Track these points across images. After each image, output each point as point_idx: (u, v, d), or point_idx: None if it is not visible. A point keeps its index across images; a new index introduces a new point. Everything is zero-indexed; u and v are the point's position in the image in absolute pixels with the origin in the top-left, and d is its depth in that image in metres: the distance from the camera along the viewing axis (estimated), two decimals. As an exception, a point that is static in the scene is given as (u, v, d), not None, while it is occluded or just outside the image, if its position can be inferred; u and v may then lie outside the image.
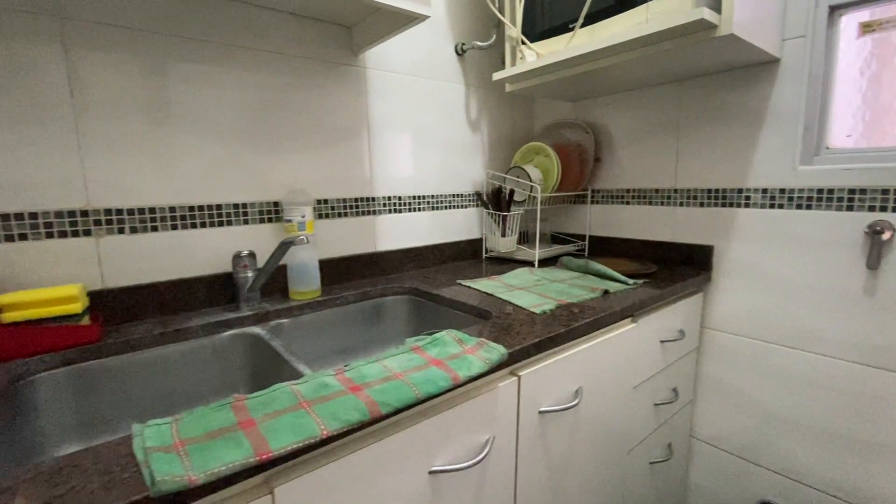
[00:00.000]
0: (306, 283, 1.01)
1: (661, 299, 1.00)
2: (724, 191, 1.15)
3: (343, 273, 1.15)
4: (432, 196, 1.34)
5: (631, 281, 1.05)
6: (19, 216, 0.75)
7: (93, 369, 0.74)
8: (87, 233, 0.81)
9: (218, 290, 0.95)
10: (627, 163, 1.35)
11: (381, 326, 1.11)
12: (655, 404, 1.08)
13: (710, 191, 1.18)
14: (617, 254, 1.40)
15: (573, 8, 1.05)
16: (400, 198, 1.26)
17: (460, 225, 1.42)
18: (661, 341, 1.05)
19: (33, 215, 0.76)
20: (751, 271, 1.12)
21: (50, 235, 0.78)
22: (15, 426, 0.64)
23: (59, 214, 0.78)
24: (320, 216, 1.11)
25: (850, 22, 0.97)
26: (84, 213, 0.81)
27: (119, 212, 0.84)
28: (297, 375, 0.69)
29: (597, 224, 1.46)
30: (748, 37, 0.88)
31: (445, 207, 1.38)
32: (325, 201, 1.11)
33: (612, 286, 1.01)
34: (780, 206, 1.05)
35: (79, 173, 0.80)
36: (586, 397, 0.85)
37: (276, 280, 1.04)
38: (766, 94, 1.05)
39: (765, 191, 1.08)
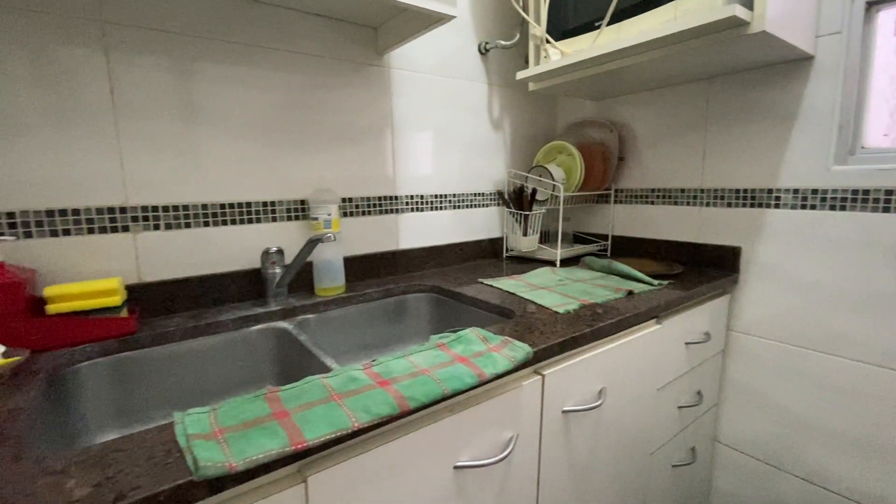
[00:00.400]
0: (331, 280, 1.03)
1: (686, 301, 0.99)
2: (753, 191, 1.12)
3: (366, 270, 1.17)
4: (454, 195, 1.35)
5: (656, 282, 1.04)
6: (63, 212, 0.79)
7: (130, 360, 0.77)
8: (126, 229, 0.85)
9: (247, 285, 0.98)
10: (652, 162, 1.33)
11: (404, 323, 1.12)
12: (679, 407, 1.07)
13: (738, 191, 1.15)
14: (640, 254, 1.38)
15: (599, 6, 1.04)
16: (422, 196, 1.27)
17: (481, 224, 1.43)
18: (686, 343, 1.04)
19: (76, 211, 0.80)
20: (780, 273, 1.10)
21: (91, 231, 0.82)
22: (60, 411, 0.67)
23: (99, 211, 0.82)
24: (345, 214, 1.13)
25: (887, 18, 0.94)
26: (122, 210, 0.84)
27: (154, 209, 0.87)
28: (324, 369, 0.71)
29: (620, 224, 1.44)
30: (781, 33, 0.86)
31: (467, 206, 1.38)
32: (350, 200, 1.13)
33: (637, 287, 1.00)
34: (813, 207, 1.02)
35: (118, 171, 0.83)
36: (609, 398, 0.84)
37: (302, 276, 1.06)
38: (799, 92, 1.03)
39: (796, 191, 1.05)
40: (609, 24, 1.01)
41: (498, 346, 0.67)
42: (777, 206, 1.08)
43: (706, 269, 1.21)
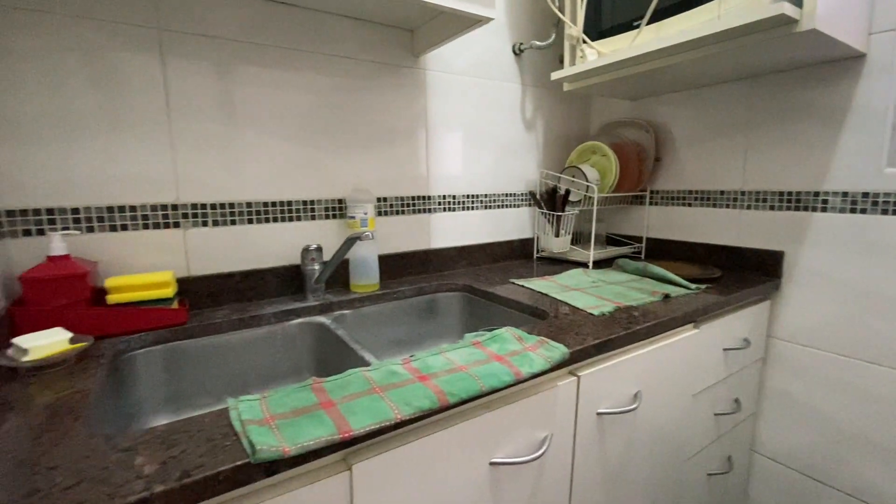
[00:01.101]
0: (366, 277, 1.06)
1: (725, 306, 0.96)
2: (798, 193, 1.08)
3: (399, 268, 1.19)
4: (485, 195, 1.36)
5: (693, 286, 1.02)
6: (122, 208, 0.84)
7: (180, 349, 0.82)
8: (177, 225, 0.89)
9: (287, 280, 1.01)
10: (690, 163, 1.31)
11: (435, 321, 1.14)
12: (716, 414, 1.05)
13: (781, 193, 1.12)
14: (676, 257, 1.35)
15: (638, 6, 1.03)
16: (454, 196, 1.29)
17: (512, 224, 1.43)
18: (725, 349, 1.01)
19: (133, 208, 0.85)
20: (825, 279, 1.05)
21: (146, 227, 0.87)
22: (119, 395, 0.71)
23: (153, 208, 0.87)
24: (380, 213, 1.15)
25: (951, 12, 0.89)
26: (174, 207, 0.89)
27: (203, 206, 0.92)
28: (362, 363, 0.73)
29: (655, 226, 1.42)
30: (832, 31, 0.83)
31: (498, 206, 1.39)
32: (385, 199, 1.16)
33: (673, 290, 0.99)
34: (863, 211, 0.98)
35: (171, 171, 0.88)
36: (645, 402, 0.83)
37: (338, 273, 1.09)
38: (850, 92, 0.99)
39: (845, 194, 1.01)
40: (649, 22, 1.00)
41: (534, 346, 0.68)
42: (824, 209, 1.04)
43: (745, 273, 1.18)
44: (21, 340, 0.62)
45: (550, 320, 0.82)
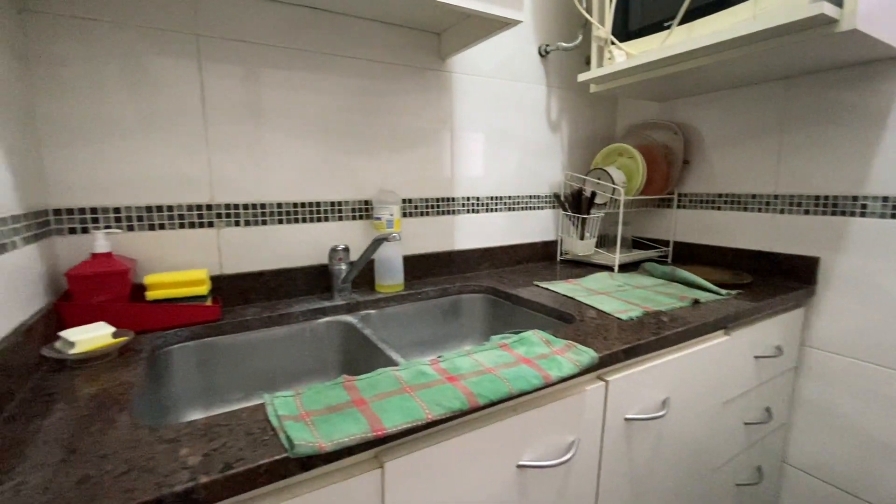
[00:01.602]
0: (391, 278, 1.07)
1: (757, 312, 0.94)
2: (836, 198, 1.05)
3: (423, 269, 1.20)
4: (509, 197, 1.35)
5: (724, 291, 1.00)
6: (160, 208, 0.87)
7: (213, 344, 0.84)
8: (211, 224, 0.92)
9: (314, 280, 1.03)
10: (720, 166, 1.28)
11: (459, 322, 1.14)
12: (746, 423, 1.02)
13: (817, 197, 1.08)
14: (704, 262, 1.33)
15: (668, 6, 1.02)
16: (478, 198, 1.29)
17: (536, 226, 1.42)
18: (756, 357, 0.99)
19: (170, 208, 0.88)
20: (863, 287, 1.02)
21: (182, 226, 0.89)
22: (156, 388, 0.74)
23: (189, 208, 0.90)
24: (404, 215, 1.16)
25: None
26: (209, 207, 0.92)
27: (236, 206, 0.94)
28: (390, 362, 0.74)
29: (682, 229, 1.39)
30: (873, 31, 0.80)
31: (522, 208, 1.38)
32: (410, 200, 1.17)
33: (703, 296, 0.97)
34: (906, 217, 0.95)
35: (206, 172, 0.90)
36: (673, 408, 0.82)
37: (363, 273, 1.10)
38: (892, 93, 0.95)
39: (885, 199, 0.97)
40: (681, 23, 0.98)
41: (561, 350, 0.68)
42: (863, 214, 1.01)
43: (778, 279, 1.15)
44: (68, 334, 0.65)
45: (577, 324, 0.81)
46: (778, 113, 1.14)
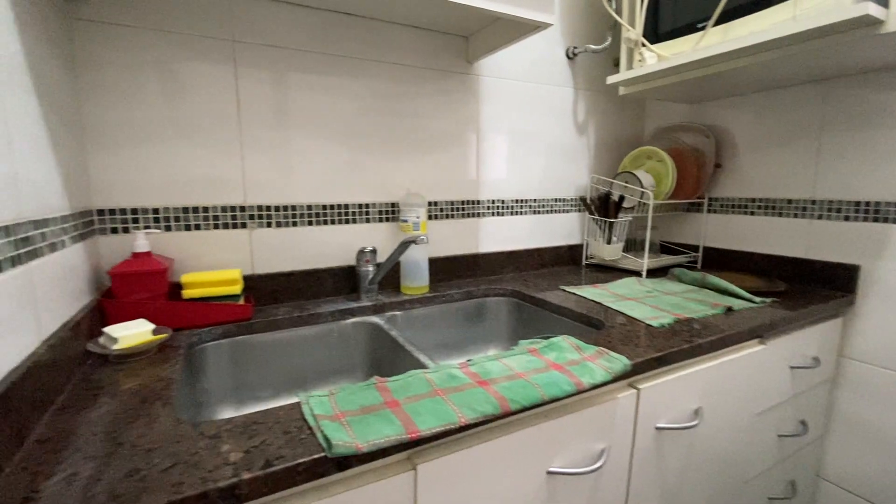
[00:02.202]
0: (417, 280, 1.07)
1: (793, 321, 0.91)
2: (878, 204, 1.01)
3: (448, 271, 1.20)
4: (534, 200, 1.35)
5: (758, 299, 0.97)
6: (196, 209, 0.90)
7: (244, 343, 0.86)
8: (244, 225, 0.94)
9: (342, 280, 1.05)
10: (753, 169, 1.24)
11: (483, 326, 1.14)
12: (780, 436, 0.99)
13: (857, 203, 1.04)
14: (735, 268, 1.29)
15: (702, 7, 1.00)
16: (503, 201, 1.29)
17: (560, 230, 1.41)
18: (791, 367, 0.96)
19: (206, 209, 0.91)
20: (908, 297, 0.98)
21: (217, 227, 0.92)
22: (191, 384, 0.76)
23: (224, 209, 0.92)
24: (430, 217, 1.17)
25: None
26: (242, 209, 0.94)
27: (267, 208, 0.96)
28: (417, 364, 0.74)
29: (713, 235, 1.36)
30: (923, 31, 0.77)
31: (547, 212, 1.37)
32: (435, 203, 1.17)
33: (736, 303, 0.94)
34: (955, 224, 0.90)
35: (240, 175, 0.93)
36: (706, 418, 0.80)
37: (388, 275, 1.11)
38: (942, 94, 0.91)
39: (933, 205, 0.93)
40: (716, 24, 0.96)
41: (592, 356, 0.67)
42: (908, 221, 0.97)
43: (814, 287, 1.11)
44: (111, 330, 0.68)
45: (607, 330, 0.80)
46: (816, 115, 1.10)
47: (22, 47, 0.56)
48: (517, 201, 1.32)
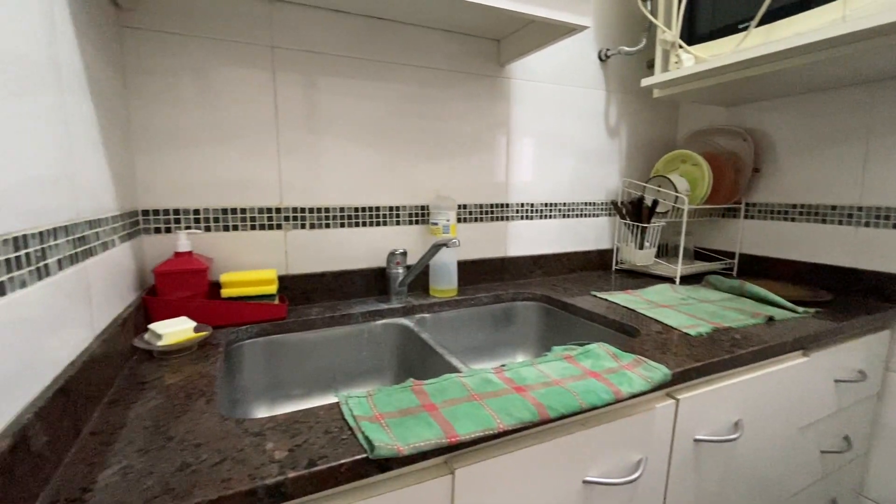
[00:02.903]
0: (446, 283, 1.08)
1: (838, 333, 0.87)
2: (932, 211, 0.96)
3: (475, 275, 1.20)
4: (564, 204, 1.33)
5: (800, 309, 0.93)
6: (234, 211, 0.92)
7: (279, 342, 0.88)
8: (279, 227, 0.96)
9: (372, 282, 1.06)
10: (793, 174, 1.20)
11: (511, 330, 1.13)
12: (822, 451, 0.95)
13: (909, 210, 0.99)
14: (774, 276, 1.25)
15: (743, 8, 0.97)
16: (532, 204, 1.28)
17: (590, 234, 1.39)
18: (836, 381, 0.92)
19: (243, 210, 0.93)
20: (965, 310, 0.92)
21: (253, 227, 0.94)
22: (229, 381, 0.78)
23: (261, 210, 0.94)
24: (459, 220, 1.17)
25: None
26: (278, 211, 0.96)
27: (301, 210, 0.98)
28: (447, 366, 0.74)
29: (750, 241, 1.32)
30: None
31: (576, 216, 1.36)
32: (464, 206, 1.17)
33: (777, 313, 0.91)
34: None
35: (276, 177, 0.95)
36: (746, 431, 0.78)
37: (417, 277, 1.12)
38: None
39: None
40: (758, 25, 0.94)
41: (630, 365, 0.66)
42: (966, 230, 0.92)
43: (860, 297, 1.06)
44: (156, 327, 0.70)
45: (642, 338, 0.79)
46: (864, 118, 1.06)
47: (81, 55, 0.59)
48: (546, 205, 1.30)
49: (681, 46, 1.09)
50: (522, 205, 1.26)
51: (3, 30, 0.40)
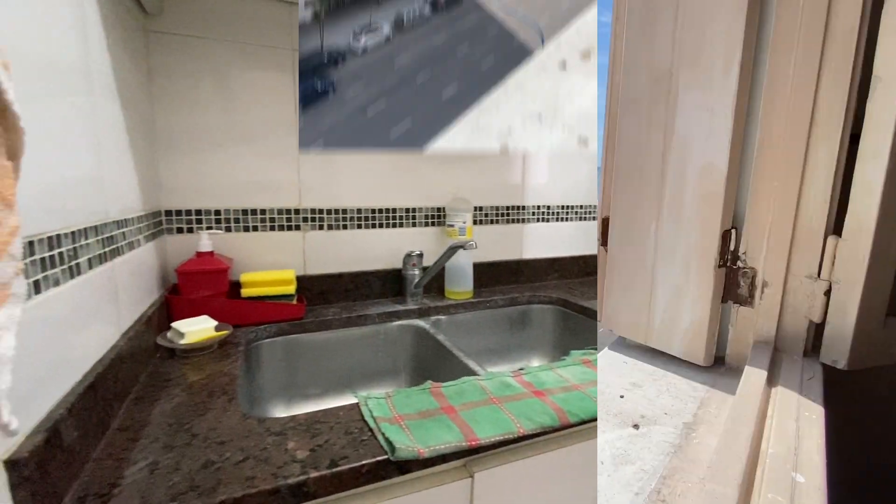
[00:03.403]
0: (462, 285, 1.08)
1: None
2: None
3: (491, 277, 1.20)
4: (580, 206, 1.32)
5: None
6: (254, 212, 0.93)
7: (296, 341, 0.89)
8: (298, 227, 0.97)
9: (388, 283, 1.06)
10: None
11: (527, 333, 1.13)
12: None
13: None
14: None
15: None
16: (548, 207, 1.27)
17: (607, 237, 1.37)
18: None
19: (263, 211, 0.94)
20: None
21: (273, 228, 0.95)
22: (248, 380, 0.79)
23: (280, 212, 0.95)
24: (475, 222, 1.17)
25: None
26: (297, 212, 0.97)
27: (320, 211, 0.99)
28: (463, 368, 0.74)
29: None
30: None
31: (593, 218, 1.35)
32: (481, 208, 1.17)
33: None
34: None
35: (295, 179, 0.96)
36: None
37: (433, 278, 1.12)
38: None
39: None
40: None
41: (650, 369, 0.65)
42: None
43: None
44: (179, 325, 0.71)
45: (661, 342, 0.78)
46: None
47: (111, 60, 0.61)
48: (563, 207, 1.30)
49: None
50: (539, 207, 1.26)
51: (39, 36, 0.42)
